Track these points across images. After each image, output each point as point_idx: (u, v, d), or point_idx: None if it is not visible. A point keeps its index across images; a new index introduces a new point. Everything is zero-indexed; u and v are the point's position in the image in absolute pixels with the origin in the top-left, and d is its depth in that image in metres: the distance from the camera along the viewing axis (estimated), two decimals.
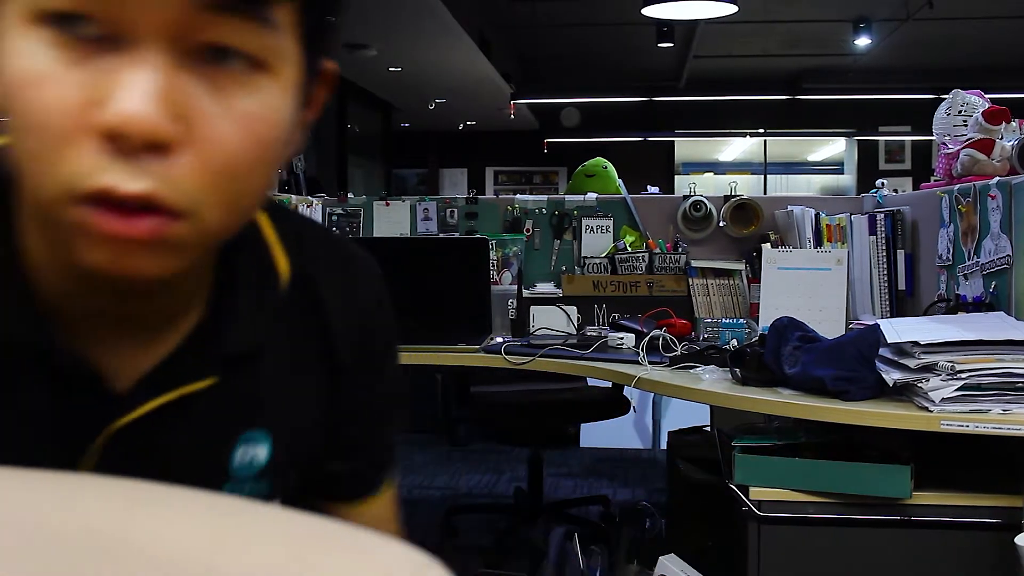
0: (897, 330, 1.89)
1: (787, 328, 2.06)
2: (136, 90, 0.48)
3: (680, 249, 3.26)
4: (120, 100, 0.48)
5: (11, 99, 0.50)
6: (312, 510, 0.77)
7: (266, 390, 0.68)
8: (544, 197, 3.45)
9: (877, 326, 1.94)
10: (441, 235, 3.44)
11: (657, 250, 3.27)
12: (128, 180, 0.49)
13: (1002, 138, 2.44)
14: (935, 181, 2.80)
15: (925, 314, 2.47)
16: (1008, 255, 2.19)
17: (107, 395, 0.60)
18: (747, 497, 1.90)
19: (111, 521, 0.29)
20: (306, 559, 0.28)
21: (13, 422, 0.59)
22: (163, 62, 0.49)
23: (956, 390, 1.75)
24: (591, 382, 3.27)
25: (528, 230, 3.38)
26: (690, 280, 3.23)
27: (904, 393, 1.86)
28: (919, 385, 1.79)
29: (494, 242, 3.28)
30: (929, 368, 1.78)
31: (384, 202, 3.49)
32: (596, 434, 5.01)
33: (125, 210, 0.49)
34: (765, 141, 11.96)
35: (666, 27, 7.29)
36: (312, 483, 0.77)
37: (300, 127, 0.58)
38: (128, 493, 0.31)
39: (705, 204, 3.26)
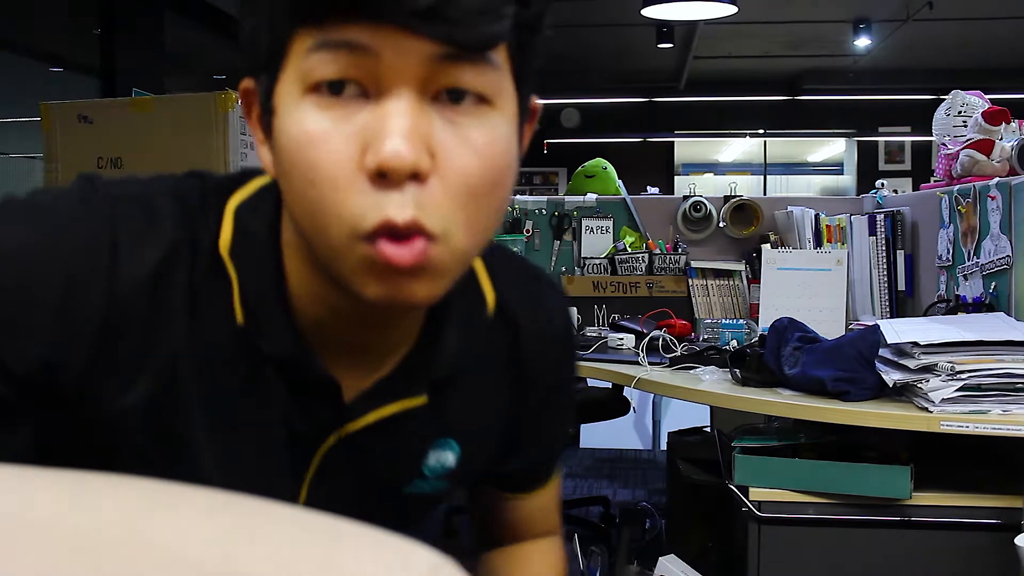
0: (897, 331, 1.89)
1: (787, 329, 2.06)
2: (394, 133, 0.57)
3: (680, 250, 3.26)
4: (384, 144, 0.57)
5: (294, 158, 0.59)
6: (487, 499, 0.93)
7: (462, 406, 0.78)
8: (544, 198, 3.45)
9: (877, 327, 1.94)
10: None
11: (657, 251, 3.27)
12: (399, 210, 0.57)
13: (1002, 139, 2.44)
14: (935, 182, 2.80)
15: (925, 315, 2.47)
16: (1008, 256, 2.19)
17: (339, 405, 0.71)
18: (747, 498, 1.90)
19: (129, 519, 0.29)
20: (322, 557, 0.28)
21: (264, 420, 0.70)
22: (410, 107, 0.58)
23: (956, 391, 1.75)
24: (591, 383, 3.27)
25: (528, 231, 3.38)
26: (690, 281, 3.23)
27: (904, 393, 1.87)
28: (919, 386, 1.79)
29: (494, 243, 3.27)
30: (929, 369, 1.79)
31: None
32: (596, 434, 5.01)
33: (400, 239, 0.58)
34: (765, 142, 11.95)
35: (666, 28, 7.29)
36: (492, 477, 0.89)
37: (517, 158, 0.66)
38: (146, 492, 0.31)
39: (705, 205, 3.26)
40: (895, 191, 3.28)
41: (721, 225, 3.25)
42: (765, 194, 10.76)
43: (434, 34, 0.56)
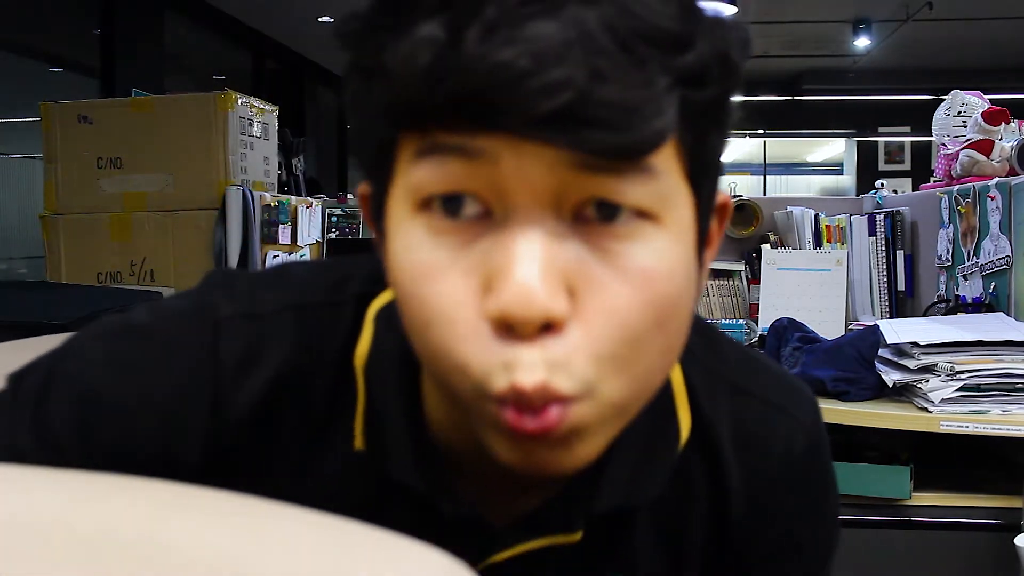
0: (896, 331, 1.89)
1: (787, 329, 2.06)
2: (521, 271, 0.45)
3: None
4: (506, 287, 0.45)
5: (406, 292, 0.49)
6: None
7: (636, 543, 0.65)
8: None
9: (877, 327, 1.94)
10: None
11: None
12: (528, 373, 0.46)
13: (1001, 139, 2.44)
14: (935, 182, 2.80)
15: (925, 315, 2.47)
16: (1007, 256, 2.19)
17: (486, 533, 0.61)
18: None
19: (139, 521, 0.29)
20: (335, 561, 0.28)
21: None
22: (545, 232, 0.46)
23: (956, 391, 1.75)
24: None
25: None
26: None
27: (904, 394, 1.87)
28: (919, 386, 1.79)
29: None
30: (928, 369, 1.79)
31: None
32: None
33: (529, 406, 0.47)
34: (765, 142, 11.96)
35: None
36: None
37: (700, 272, 0.54)
38: (156, 494, 0.31)
39: None
40: (895, 191, 3.28)
41: None
42: (765, 194, 10.77)
43: (567, 144, 0.44)
